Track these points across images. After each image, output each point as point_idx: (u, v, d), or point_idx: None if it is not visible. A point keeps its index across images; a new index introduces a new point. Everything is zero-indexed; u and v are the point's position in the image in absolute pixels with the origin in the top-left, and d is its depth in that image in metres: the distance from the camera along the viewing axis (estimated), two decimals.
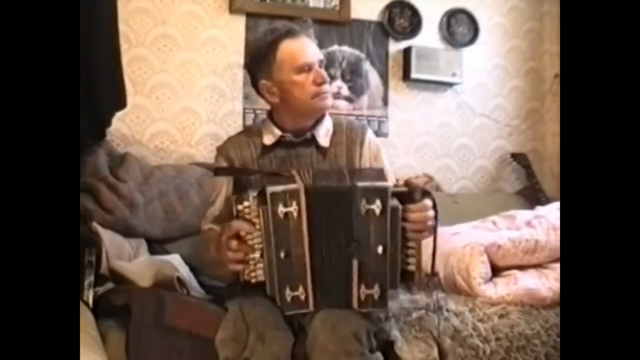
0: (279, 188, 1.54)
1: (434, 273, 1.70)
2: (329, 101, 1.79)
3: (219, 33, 2.75)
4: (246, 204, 1.57)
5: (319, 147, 1.79)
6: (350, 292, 1.56)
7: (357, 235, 1.55)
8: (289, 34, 1.76)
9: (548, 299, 1.97)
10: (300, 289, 1.56)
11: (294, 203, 1.54)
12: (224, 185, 1.79)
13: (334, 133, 1.83)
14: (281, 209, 1.54)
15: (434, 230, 1.60)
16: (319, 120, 1.82)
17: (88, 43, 1.93)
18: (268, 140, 1.80)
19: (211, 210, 1.82)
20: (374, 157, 1.84)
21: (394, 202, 1.56)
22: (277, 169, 1.75)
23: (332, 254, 1.58)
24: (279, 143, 1.79)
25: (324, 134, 1.81)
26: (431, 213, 1.58)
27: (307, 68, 1.74)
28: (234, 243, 1.57)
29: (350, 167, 1.77)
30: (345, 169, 1.73)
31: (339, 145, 1.81)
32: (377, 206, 1.53)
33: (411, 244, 1.59)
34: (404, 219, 1.57)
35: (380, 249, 1.54)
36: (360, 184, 1.56)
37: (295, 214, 1.54)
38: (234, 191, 1.63)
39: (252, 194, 1.57)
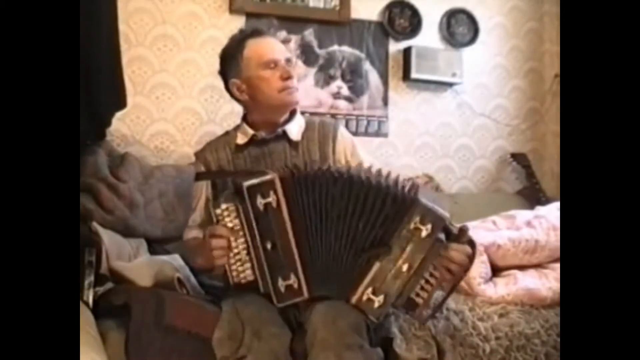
0: (254, 181, 1.55)
1: (434, 315, 1.69)
2: (296, 96, 1.85)
3: (219, 33, 2.74)
4: (224, 206, 1.58)
5: (291, 142, 1.84)
6: (356, 287, 1.56)
7: (393, 242, 1.54)
8: (255, 33, 1.85)
9: (548, 299, 1.97)
10: (292, 277, 1.56)
11: (272, 193, 1.55)
12: (203, 190, 1.82)
13: (306, 129, 1.88)
14: (260, 201, 1.55)
15: (460, 278, 1.60)
16: (290, 118, 1.87)
17: (88, 43, 1.93)
18: (241, 139, 1.86)
19: (193, 218, 1.85)
20: (350, 152, 1.88)
21: (442, 235, 1.55)
22: (251, 167, 1.79)
23: (326, 239, 1.57)
24: (252, 142, 1.85)
25: (295, 130, 1.86)
26: (467, 260, 1.58)
27: (272, 64, 1.81)
28: (214, 241, 1.58)
29: (323, 161, 1.80)
30: (318, 162, 1.77)
31: (311, 140, 1.86)
32: (426, 229, 1.52)
33: (432, 279, 1.57)
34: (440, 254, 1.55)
35: (405, 267, 1.54)
36: (424, 201, 1.54)
37: (274, 204, 1.55)
38: (213, 195, 1.64)
39: (229, 195, 1.58)
